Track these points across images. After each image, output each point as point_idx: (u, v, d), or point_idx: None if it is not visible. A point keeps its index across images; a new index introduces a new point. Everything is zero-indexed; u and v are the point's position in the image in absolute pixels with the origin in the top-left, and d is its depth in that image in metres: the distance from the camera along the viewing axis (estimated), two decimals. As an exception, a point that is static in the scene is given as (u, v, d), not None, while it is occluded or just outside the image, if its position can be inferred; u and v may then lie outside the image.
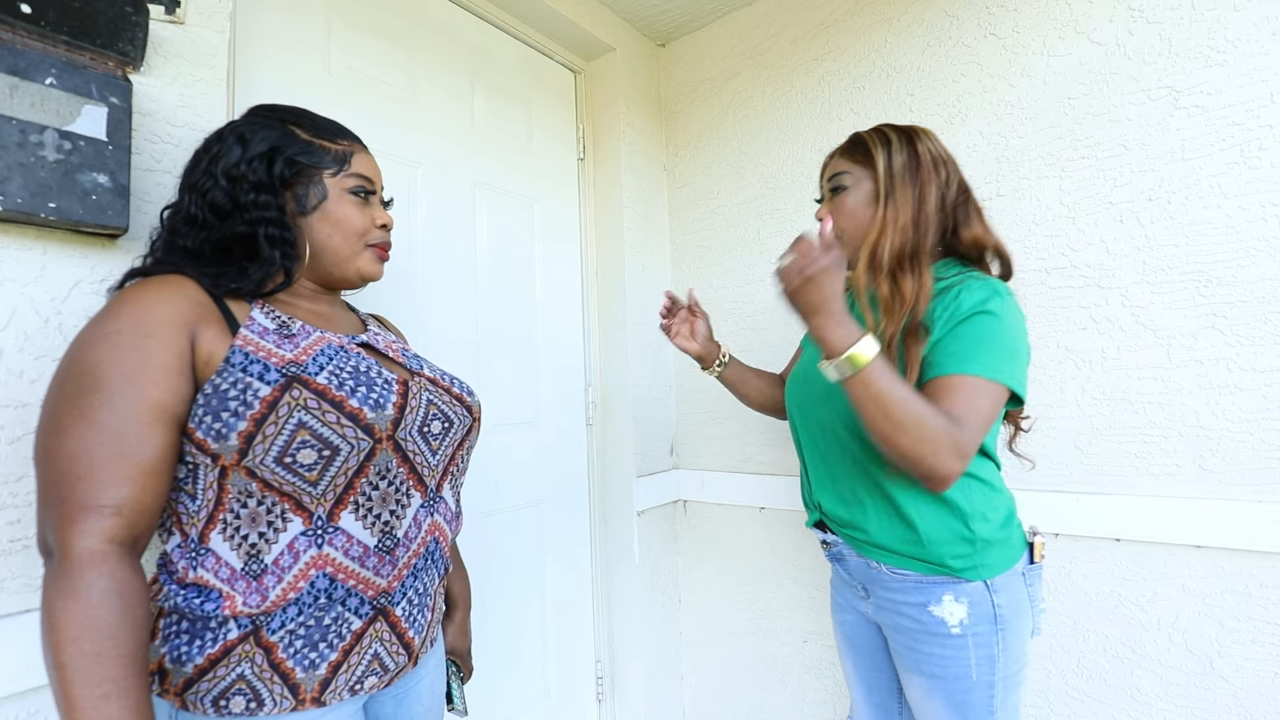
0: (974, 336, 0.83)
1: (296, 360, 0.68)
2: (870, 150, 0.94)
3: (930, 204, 0.91)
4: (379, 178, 0.83)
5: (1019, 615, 0.90)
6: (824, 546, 1.05)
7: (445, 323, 1.40)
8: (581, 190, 1.80)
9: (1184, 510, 1.11)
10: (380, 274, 0.83)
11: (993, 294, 0.85)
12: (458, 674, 0.97)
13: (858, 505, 0.95)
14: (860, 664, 1.08)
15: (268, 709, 0.65)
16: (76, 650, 0.54)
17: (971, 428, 0.80)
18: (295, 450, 0.65)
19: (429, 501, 0.77)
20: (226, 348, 0.66)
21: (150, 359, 0.61)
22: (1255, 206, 1.07)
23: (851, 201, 0.95)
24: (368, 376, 0.73)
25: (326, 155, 0.77)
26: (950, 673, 0.89)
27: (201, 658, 0.64)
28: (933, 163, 0.92)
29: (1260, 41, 1.07)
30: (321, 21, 1.22)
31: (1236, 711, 1.08)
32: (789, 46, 1.64)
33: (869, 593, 0.99)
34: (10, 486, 0.77)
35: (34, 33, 0.75)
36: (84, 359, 0.61)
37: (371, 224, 0.80)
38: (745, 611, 1.71)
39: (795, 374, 1.10)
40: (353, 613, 0.70)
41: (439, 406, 0.79)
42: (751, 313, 1.71)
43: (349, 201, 0.78)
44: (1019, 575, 0.91)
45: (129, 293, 0.66)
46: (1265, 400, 1.06)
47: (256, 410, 0.64)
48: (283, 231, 0.74)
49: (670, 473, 1.82)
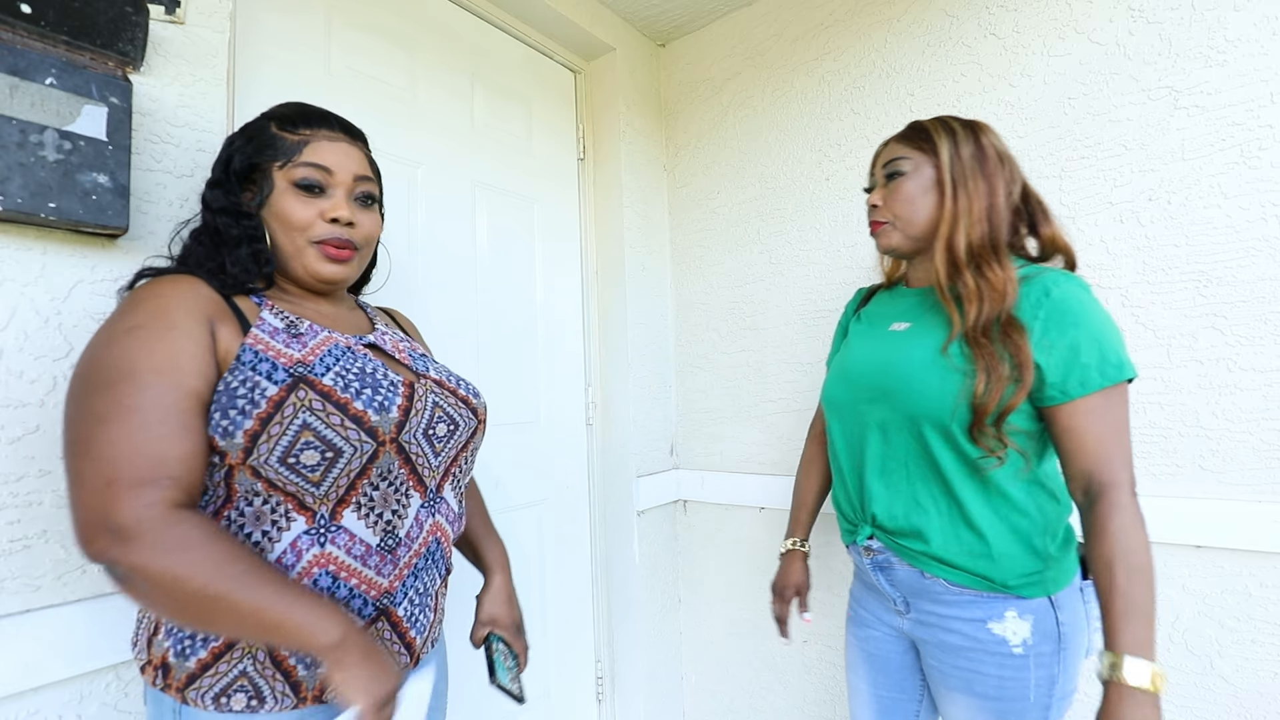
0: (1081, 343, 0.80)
1: (304, 360, 0.68)
2: (933, 138, 0.91)
3: (1000, 197, 0.88)
4: (347, 169, 0.76)
5: (1078, 633, 0.86)
6: (865, 553, 0.97)
7: (445, 323, 1.40)
8: (581, 190, 1.80)
9: (1184, 510, 1.11)
10: (334, 275, 0.76)
11: (1081, 287, 0.83)
12: (510, 654, 0.88)
13: (920, 512, 0.89)
14: (880, 684, 1.01)
15: (269, 707, 0.66)
16: (227, 574, 0.57)
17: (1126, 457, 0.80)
18: (299, 451, 0.65)
19: (429, 502, 0.77)
20: (239, 346, 0.66)
21: (180, 350, 0.62)
22: (1255, 206, 1.07)
23: (909, 187, 0.91)
24: (373, 379, 0.72)
25: (281, 146, 0.74)
26: (1007, 694, 0.83)
27: (205, 652, 0.65)
28: (997, 157, 0.90)
29: (1260, 41, 1.07)
30: (321, 21, 1.22)
31: (1236, 711, 1.07)
32: (789, 46, 1.64)
33: (910, 606, 0.94)
34: (10, 486, 0.77)
35: (34, 33, 0.75)
36: (110, 355, 0.61)
37: (317, 218, 0.74)
38: (745, 611, 1.71)
39: (834, 376, 1.04)
40: (355, 613, 0.70)
41: (444, 409, 0.79)
42: (751, 313, 1.71)
43: (291, 195, 0.73)
44: (1077, 591, 0.87)
45: (144, 290, 0.66)
46: (1265, 400, 1.06)
47: (263, 409, 0.64)
48: (236, 220, 0.73)
49: (670, 473, 1.82)
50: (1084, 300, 0.82)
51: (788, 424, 1.62)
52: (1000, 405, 0.80)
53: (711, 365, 1.79)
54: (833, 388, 1.03)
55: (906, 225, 0.92)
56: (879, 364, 0.95)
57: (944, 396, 0.84)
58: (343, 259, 0.76)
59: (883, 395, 0.92)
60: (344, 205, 0.75)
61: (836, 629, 1.53)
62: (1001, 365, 0.81)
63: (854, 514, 0.99)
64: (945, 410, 0.85)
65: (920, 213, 0.91)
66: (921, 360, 0.89)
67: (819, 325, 1.58)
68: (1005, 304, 0.82)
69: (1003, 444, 0.82)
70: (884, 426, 0.93)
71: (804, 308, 1.61)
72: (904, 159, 0.93)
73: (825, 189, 1.57)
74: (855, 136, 1.52)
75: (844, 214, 1.54)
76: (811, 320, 1.59)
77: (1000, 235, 0.87)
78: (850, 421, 0.98)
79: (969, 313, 0.84)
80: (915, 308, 0.96)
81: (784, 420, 1.63)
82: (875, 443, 0.94)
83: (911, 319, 0.95)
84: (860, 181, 1.51)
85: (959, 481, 0.86)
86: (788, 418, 1.63)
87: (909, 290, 1.00)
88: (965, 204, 0.87)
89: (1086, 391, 0.79)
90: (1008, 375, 0.80)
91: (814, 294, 1.59)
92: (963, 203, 0.87)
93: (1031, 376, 0.80)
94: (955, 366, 0.84)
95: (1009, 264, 0.85)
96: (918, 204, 0.91)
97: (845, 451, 1.00)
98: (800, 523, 1.19)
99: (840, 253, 1.54)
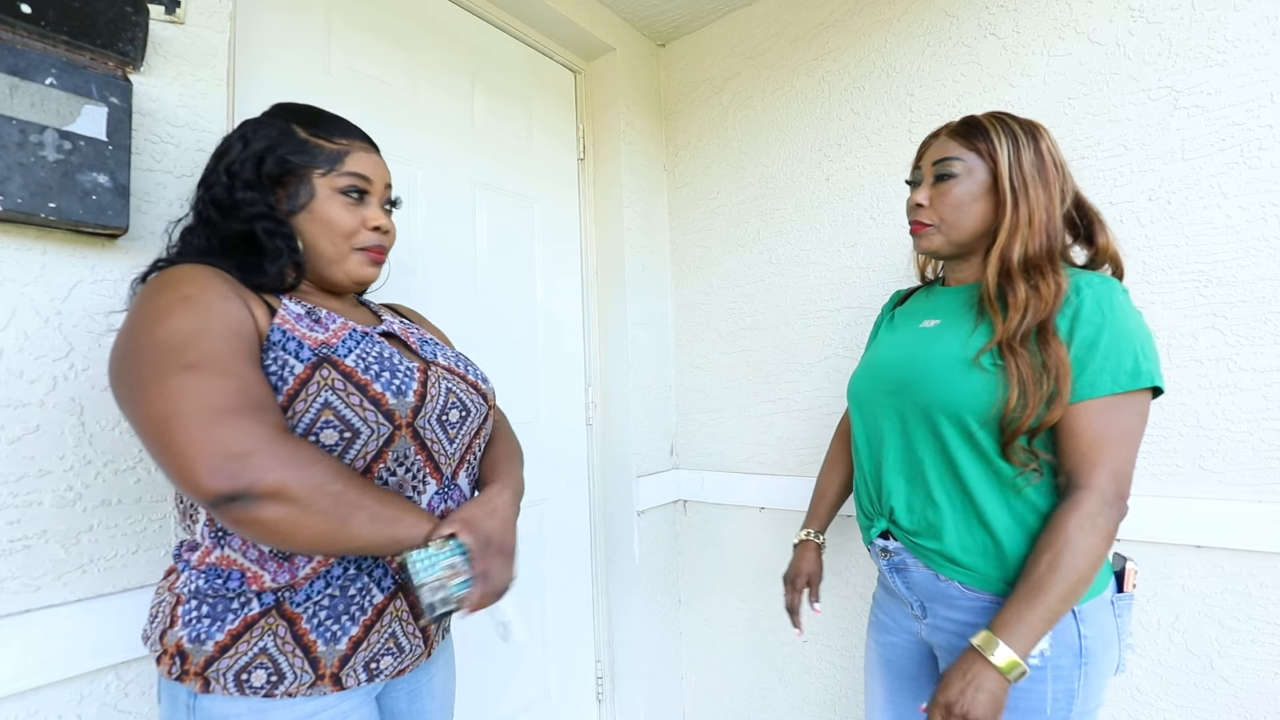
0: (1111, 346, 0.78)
1: (328, 342, 0.70)
2: (992, 139, 0.86)
3: (1057, 207, 0.85)
4: (381, 178, 0.81)
5: (1105, 649, 0.82)
6: (883, 555, 0.96)
7: (445, 323, 1.40)
8: (581, 190, 1.80)
9: (1184, 510, 1.11)
10: (373, 277, 0.82)
11: (1116, 290, 0.81)
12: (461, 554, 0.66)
13: (934, 509, 0.88)
14: (896, 690, 1.00)
15: (288, 682, 0.66)
16: (353, 479, 0.63)
17: (1118, 469, 0.78)
18: (319, 430, 0.66)
19: (444, 489, 0.77)
20: (268, 326, 0.68)
21: (235, 313, 0.64)
22: (1255, 206, 1.07)
23: (960, 192, 0.87)
24: (390, 363, 0.74)
25: (320, 154, 0.76)
26: (1021, 706, 0.80)
27: (223, 634, 0.65)
28: (1054, 165, 0.86)
29: (1260, 41, 1.07)
30: (321, 21, 1.22)
31: (1236, 711, 1.07)
32: (789, 46, 1.64)
33: (926, 611, 0.92)
34: (10, 486, 0.77)
35: (34, 33, 0.75)
36: (173, 323, 0.61)
37: (361, 225, 0.78)
38: (745, 611, 1.71)
39: (861, 371, 1.03)
40: (376, 584, 0.71)
41: (457, 395, 0.80)
42: (751, 313, 1.71)
43: (338, 202, 0.76)
44: (1107, 604, 0.83)
45: (175, 271, 0.66)
46: (1265, 400, 1.06)
47: (290, 386, 0.65)
48: (277, 226, 0.74)
49: (670, 473, 1.82)
50: (1115, 302, 0.79)
51: (787, 424, 1.62)
52: (1036, 420, 0.78)
53: (711, 365, 1.79)
54: (858, 381, 1.03)
55: (952, 230, 0.89)
56: (903, 358, 0.94)
57: (962, 392, 0.83)
58: (380, 262, 0.82)
59: (902, 387, 0.91)
60: (382, 214, 0.81)
61: (837, 630, 1.53)
62: (1035, 376, 0.78)
63: (871, 507, 0.98)
64: (962, 405, 0.83)
65: (969, 219, 0.88)
66: (944, 355, 0.87)
67: (819, 325, 1.58)
68: (1049, 313, 0.80)
69: (1035, 456, 0.81)
70: (903, 419, 0.91)
71: (804, 308, 1.61)
72: (956, 159, 0.88)
73: (825, 189, 1.57)
74: (855, 136, 1.52)
75: (844, 214, 1.54)
76: (811, 320, 1.59)
77: (1057, 246, 0.84)
78: (871, 415, 0.98)
79: (1011, 319, 0.81)
80: (948, 305, 0.95)
81: (784, 420, 1.63)
82: (894, 436, 0.93)
83: (942, 315, 0.94)
84: (860, 181, 1.51)
85: (974, 478, 0.84)
86: (787, 418, 1.63)
87: (945, 289, 0.99)
88: (1025, 214, 0.84)
89: (1095, 394, 0.77)
90: (1045, 389, 0.78)
91: (814, 294, 1.59)
92: (1023, 213, 0.84)
93: (1069, 390, 0.77)
94: (982, 366, 0.83)
95: (1062, 274, 0.82)
96: (967, 210, 0.88)
97: (865, 445, 0.99)
98: (817, 515, 1.18)
99: (840, 253, 1.54)
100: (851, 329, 1.52)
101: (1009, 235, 0.84)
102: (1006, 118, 0.89)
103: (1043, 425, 0.79)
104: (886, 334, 1.05)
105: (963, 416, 0.84)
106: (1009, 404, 0.79)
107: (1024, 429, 0.79)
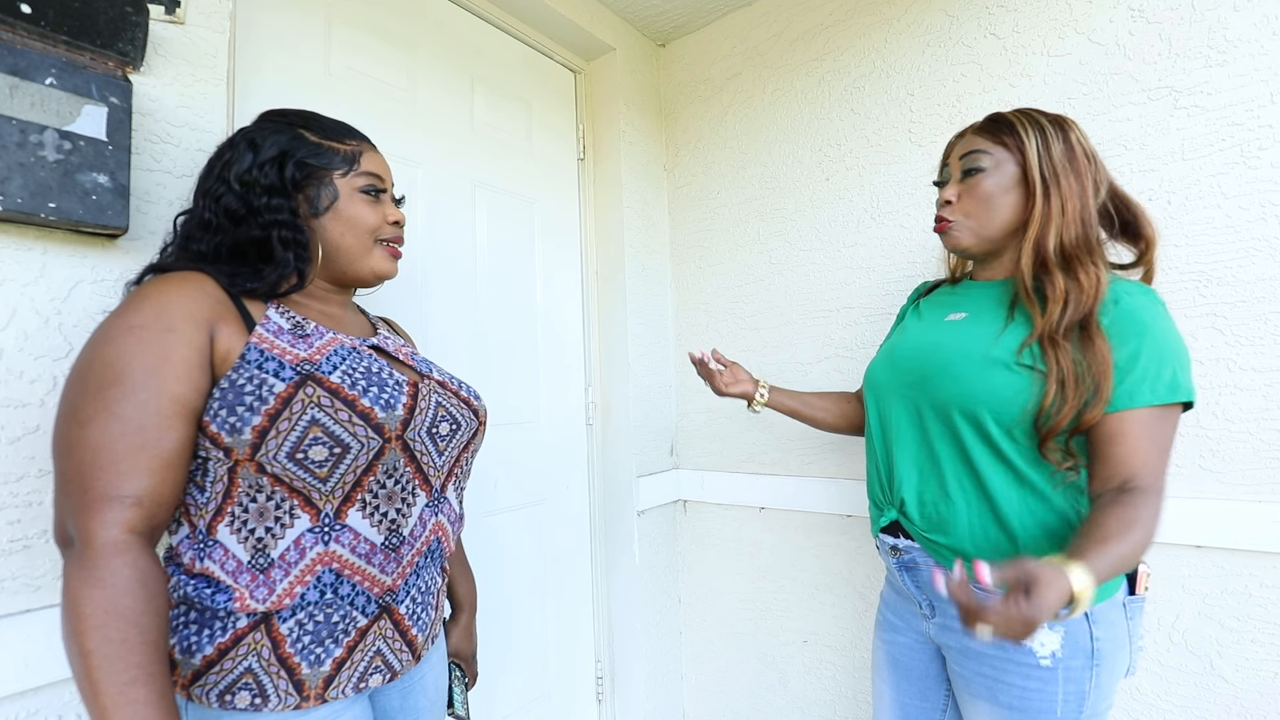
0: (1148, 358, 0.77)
1: (310, 359, 0.70)
2: (1019, 133, 0.85)
3: (1090, 197, 0.84)
4: (389, 175, 0.84)
5: (1116, 650, 0.81)
6: (893, 553, 0.95)
7: (445, 322, 1.40)
8: (581, 190, 1.80)
9: (1184, 510, 1.11)
10: (394, 271, 0.84)
11: (1154, 300, 0.80)
12: (461, 678, 0.96)
13: (946, 502, 0.87)
14: (903, 690, 0.99)
15: (272, 705, 0.66)
16: (103, 637, 0.55)
17: (1163, 471, 0.77)
18: (307, 446, 0.66)
19: (434, 501, 0.78)
20: (243, 344, 0.67)
21: (172, 353, 0.63)
22: (1255, 206, 1.07)
23: (988, 185, 0.87)
24: (379, 377, 0.74)
25: (336, 156, 0.78)
26: (1031, 706, 0.80)
27: (211, 648, 0.65)
28: (1085, 155, 0.85)
29: (1260, 41, 1.07)
30: (321, 21, 1.22)
31: (1236, 711, 1.08)
32: (789, 46, 1.64)
33: (935, 610, 0.91)
34: (10, 486, 0.77)
35: (34, 33, 0.75)
36: (106, 353, 0.62)
37: (383, 221, 0.81)
38: (745, 611, 1.71)
39: (880, 358, 1.02)
40: (359, 611, 0.71)
41: (447, 409, 0.80)
42: (751, 313, 1.71)
43: (360, 200, 0.79)
44: (1119, 606, 0.83)
45: (150, 287, 0.66)
46: (1265, 400, 1.06)
47: (271, 405, 0.65)
48: (295, 234, 0.75)
49: (670, 473, 1.82)
50: (1154, 313, 0.78)
51: (788, 424, 1.62)
52: (1074, 419, 0.77)
53: (711, 365, 1.79)
54: (876, 370, 1.02)
55: (980, 226, 0.88)
56: (925, 349, 0.93)
57: (980, 389, 0.82)
58: (399, 255, 0.85)
59: (922, 379, 0.91)
60: (396, 209, 0.84)
61: (838, 630, 1.53)
62: (1076, 372, 0.77)
63: (882, 496, 0.97)
64: (980, 402, 0.83)
65: (998, 213, 0.87)
66: (967, 349, 0.87)
67: (819, 325, 1.58)
68: (1091, 306, 0.79)
69: (1071, 456, 0.80)
70: (919, 411, 0.91)
71: (804, 308, 1.61)
72: (984, 153, 0.87)
73: (825, 189, 1.57)
74: (855, 136, 1.52)
75: (844, 214, 1.54)
76: (811, 320, 1.59)
77: (1094, 236, 0.83)
78: (887, 404, 0.97)
79: (1052, 313, 0.80)
80: (976, 300, 0.94)
81: (784, 420, 1.63)
82: (910, 428, 0.92)
83: (969, 309, 0.93)
84: (860, 181, 1.51)
85: (991, 474, 0.83)
86: (787, 418, 1.63)
87: (974, 284, 0.97)
88: (1058, 204, 0.83)
89: (1132, 405, 0.77)
90: (1087, 386, 0.76)
91: (814, 294, 1.59)
92: (1055, 203, 0.83)
93: (1111, 389, 0.76)
94: (1010, 365, 0.82)
95: (1102, 267, 0.81)
96: (996, 203, 0.87)
97: (879, 434, 0.99)
98: (783, 390, 1.21)
99: (840, 253, 1.54)
100: (851, 329, 1.52)
101: (1041, 225, 0.83)
102: (1033, 112, 0.88)
103: (1082, 425, 0.78)
104: (910, 324, 1.03)
105: (979, 414, 0.83)
106: (1045, 399, 0.78)
107: (1061, 428, 0.78)
